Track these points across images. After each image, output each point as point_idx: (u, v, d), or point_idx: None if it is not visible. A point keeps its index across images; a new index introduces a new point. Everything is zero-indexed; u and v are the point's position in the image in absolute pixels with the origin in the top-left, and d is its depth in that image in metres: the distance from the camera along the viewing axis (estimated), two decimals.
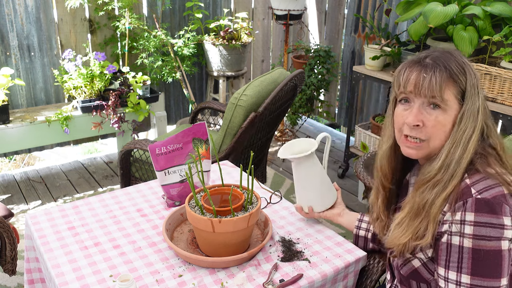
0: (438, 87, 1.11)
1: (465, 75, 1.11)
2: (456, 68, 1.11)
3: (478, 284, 1.04)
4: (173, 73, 3.64)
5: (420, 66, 1.13)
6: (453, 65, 1.11)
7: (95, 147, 4.51)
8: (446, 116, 1.12)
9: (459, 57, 1.13)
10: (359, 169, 2.31)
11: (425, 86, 1.11)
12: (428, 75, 1.12)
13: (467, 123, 1.10)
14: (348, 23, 4.07)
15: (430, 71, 1.12)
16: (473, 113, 1.10)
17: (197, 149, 1.64)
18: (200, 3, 3.74)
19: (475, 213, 1.03)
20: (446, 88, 1.11)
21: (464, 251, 1.04)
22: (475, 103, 1.10)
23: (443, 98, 1.11)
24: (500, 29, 2.57)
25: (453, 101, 1.11)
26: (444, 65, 1.11)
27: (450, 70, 1.11)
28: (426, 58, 1.14)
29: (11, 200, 3.15)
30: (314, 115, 4.71)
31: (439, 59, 1.12)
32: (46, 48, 3.38)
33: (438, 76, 1.11)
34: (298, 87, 2.60)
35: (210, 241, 1.34)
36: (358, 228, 1.48)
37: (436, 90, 1.11)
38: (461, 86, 1.11)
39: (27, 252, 1.57)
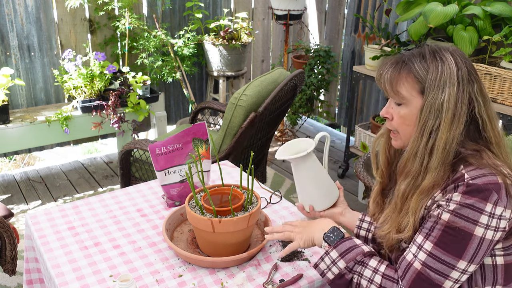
0: (389, 83, 1.17)
1: (426, 70, 1.13)
2: (419, 63, 1.14)
3: (437, 255, 1.08)
4: (173, 73, 3.64)
5: (386, 63, 1.19)
6: (417, 60, 1.14)
7: (95, 147, 4.51)
8: (408, 110, 1.16)
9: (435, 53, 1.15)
10: (359, 169, 2.31)
11: (380, 82, 1.20)
12: (384, 71, 1.19)
13: (428, 116, 1.12)
14: (348, 23, 4.07)
15: (387, 68, 1.18)
16: (434, 107, 1.11)
17: (197, 149, 1.64)
18: (200, 3, 3.74)
19: (463, 194, 1.06)
20: (401, 84, 1.15)
21: (439, 222, 1.08)
22: (438, 97, 1.11)
23: (399, 93, 1.16)
24: (500, 29, 2.57)
25: (414, 95, 1.15)
26: (405, 61, 1.15)
27: (410, 66, 1.15)
28: (402, 56, 1.19)
29: (11, 200, 3.15)
30: (314, 115, 4.71)
31: (407, 55, 1.17)
32: (46, 48, 3.38)
33: (391, 72, 1.17)
34: (298, 87, 2.60)
35: (210, 241, 1.34)
36: (359, 228, 1.48)
37: (389, 86, 1.18)
38: (421, 81, 1.13)
39: (27, 252, 1.57)
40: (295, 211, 1.66)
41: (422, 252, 1.10)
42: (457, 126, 1.11)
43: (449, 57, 1.14)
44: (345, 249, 1.19)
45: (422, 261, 1.09)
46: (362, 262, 1.17)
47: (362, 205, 3.18)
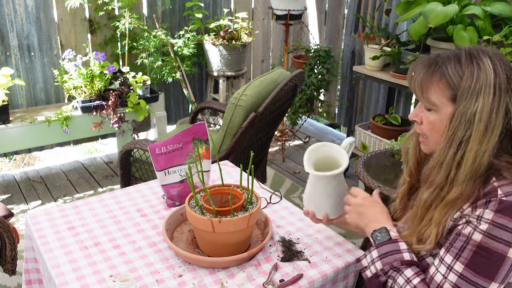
0: (419, 87, 1.12)
1: (460, 76, 1.06)
2: (453, 68, 1.07)
3: (468, 277, 1.04)
4: (173, 73, 3.64)
5: (418, 65, 1.13)
6: (451, 63, 1.08)
7: (95, 147, 4.51)
8: (438, 117, 1.11)
9: (472, 57, 1.07)
10: (359, 169, 2.31)
11: (411, 86, 1.15)
12: (415, 74, 1.13)
13: (458, 126, 1.06)
14: (348, 23, 4.07)
15: (418, 71, 1.12)
16: (465, 116, 1.05)
17: (197, 149, 1.64)
18: (200, 3, 3.74)
19: (496, 213, 1.01)
20: (432, 89, 1.10)
21: (470, 242, 1.04)
22: (470, 107, 1.04)
23: (429, 99, 1.11)
24: (500, 29, 2.57)
25: (445, 102, 1.09)
26: (439, 65, 1.09)
27: (443, 70, 1.08)
28: (437, 57, 1.12)
29: (11, 200, 3.15)
30: (314, 115, 4.71)
31: (443, 58, 1.10)
32: (46, 48, 3.38)
33: (423, 76, 1.11)
34: (298, 87, 2.60)
35: (210, 241, 1.34)
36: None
37: (419, 91, 1.12)
38: (454, 88, 1.07)
39: (26, 252, 1.57)
40: (295, 211, 1.66)
41: (453, 273, 1.05)
42: (489, 139, 1.04)
43: (487, 62, 1.05)
44: (385, 252, 1.17)
45: (453, 283, 1.05)
46: (398, 269, 1.14)
47: None
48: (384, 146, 3.07)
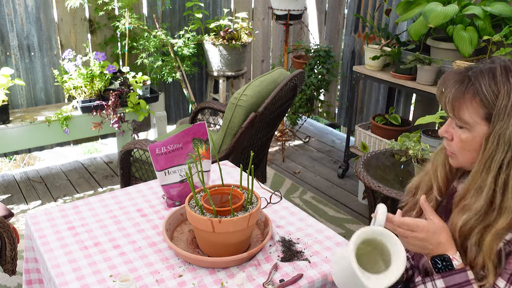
0: (451, 105, 1.05)
1: (495, 94, 1.00)
2: (487, 85, 1.00)
3: None
4: (173, 73, 3.64)
5: (449, 79, 1.07)
6: (485, 79, 1.01)
7: (95, 147, 4.51)
8: (470, 135, 1.05)
9: (508, 72, 1.01)
10: (359, 169, 2.31)
11: (441, 102, 1.08)
12: (446, 90, 1.05)
13: (496, 148, 1.00)
14: (348, 23, 4.07)
15: (450, 87, 1.05)
16: (503, 138, 0.98)
17: (197, 149, 1.64)
18: (200, 3, 3.74)
19: None
20: (465, 107, 1.03)
21: None
22: (508, 127, 0.98)
23: (461, 117, 1.04)
24: (500, 29, 2.57)
25: (478, 121, 1.03)
26: (472, 81, 1.02)
27: (476, 87, 1.01)
28: (469, 71, 1.05)
29: (11, 200, 3.15)
30: (314, 115, 4.71)
31: (476, 72, 1.03)
32: (46, 48, 3.38)
33: (455, 93, 1.04)
34: (298, 87, 2.60)
35: (210, 241, 1.34)
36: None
37: (450, 109, 1.05)
38: (488, 107, 1.00)
39: (26, 252, 1.57)
40: (295, 211, 1.66)
41: None
42: None
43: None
44: (454, 283, 1.05)
45: None
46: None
47: (362, 205, 3.18)
48: (384, 146, 3.07)
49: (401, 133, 2.59)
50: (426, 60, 2.70)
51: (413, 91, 2.87)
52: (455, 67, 2.55)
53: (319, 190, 3.38)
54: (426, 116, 2.24)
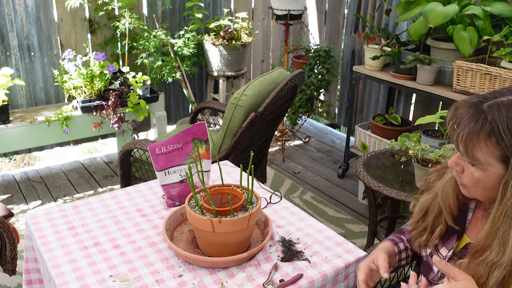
0: (463, 144, 0.96)
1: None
2: (505, 126, 0.91)
3: None
4: (173, 73, 3.64)
5: (462, 114, 0.97)
6: (503, 120, 0.92)
7: (95, 147, 4.51)
8: (484, 175, 0.98)
9: None
10: (359, 169, 2.31)
11: (453, 140, 0.99)
12: (458, 128, 0.96)
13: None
14: (348, 23, 4.07)
15: (463, 125, 0.96)
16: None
17: (197, 149, 1.64)
18: (200, 3, 3.74)
19: None
20: (478, 148, 0.95)
21: None
22: None
23: (474, 157, 0.96)
24: (500, 29, 2.57)
25: (492, 162, 0.95)
26: (489, 120, 0.93)
27: (492, 127, 0.92)
28: (484, 103, 0.95)
29: (11, 200, 3.15)
30: (314, 115, 4.71)
31: (492, 108, 0.93)
32: (46, 48, 3.38)
33: (469, 131, 0.95)
34: (298, 87, 2.60)
35: (210, 241, 1.34)
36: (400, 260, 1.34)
37: (463, 147, 0.97)
38: (505, 149, 0.92)
39: (26, 252, 1.57)
40: (295, 211, 1.66)
41: None
42: None
43: None
44: None
45: None
46: None
47: (362, 205, 3.18)
48: (384, 146, 3.07)
49: (401, 133, 2.59)
50: (426, 60, 2.70)
51: (413, 91, 2.87)
52: (455, 67, 2.55)
53: (319, 190, 3.38)
54: (426, 116, 2.24)
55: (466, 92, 2.56)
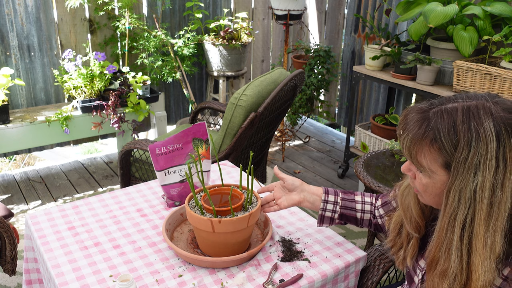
0: (408, 149, 0.97)
1: (454, 145, 0.90)
2: (446, 134, 0.90)
3: None
4: (173, 73, 3.64)
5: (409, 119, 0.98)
6: (444, 128, 0.91)
7: (95, 147, 4.51)
8: (431, 181, 0.97)
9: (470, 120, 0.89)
10: (359, 169, 2.31)
11: (401, 145, 1.00)
12: (404, 133, 0.97)
13: (458, 205, 0.91)
14: (348, 23, 4.07)
15: (408, 130, 0.96)
16: (463, 194, 0.89)
17: (197, 149, 1.64)
18: (200, 3, 3.74)
19: None
20: (422, 154, 0.95)
21: None
22: (468, 183, 0.89)
23: (419, 163, 0.97)
24: (500, 29, 2.57)
25: (436, 169, 0.94)
26: (431, 126, 0.92)
27: (434, 134, 0.92)
28: (430, 110, 0.95)
29: (11, 200, 3.15)
30: (314, 115, 4.71)
31: (436, 114, 0.93)
32: (46, 48, 3.38)
33: (412, 137, 0.95)
34: (298, 87, 2.60)
35: (210, 241, 1.34)
36: (323, 210, 1.38)
37: (407, 153, 0.98)
38: (447, 156, 0.91)
39: (26, 252, 1.57)
40: (295, 211, 1.66)
41: None
42: (497, 217, 0.89)
43: (488, 128, 0.87)
44: None
45: None
46: None
47: None
48: (384, 146, 3.07)
49: None
50: (426, 60, 2.70)
51: (413, 91, 2.87)
52: (455, 67, 2.55)
53: None
54: None
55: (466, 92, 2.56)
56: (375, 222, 1.40)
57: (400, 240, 1.19)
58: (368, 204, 1.40)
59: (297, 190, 1.41)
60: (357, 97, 4.07)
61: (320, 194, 1.39)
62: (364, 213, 1.39)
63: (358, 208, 1.39)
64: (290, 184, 1.41)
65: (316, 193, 1.39)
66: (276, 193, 1.43)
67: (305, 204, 1.40)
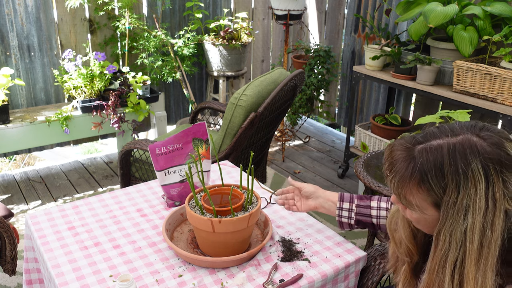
0: (397, 191, 0.96)
1: (443, 189, 0.89)
2: (434, 177, 0.89)
3: None
4: (173, 73, 3.64)
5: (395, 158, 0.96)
6: (431, 171, 0.89)
7: (95, 147, 4.51)
8: (421, 216, 0.97)
9: (457, 163, 0.88)
10: (359, 169, 2.31)
11: (387, 183, 0.98)
12: (391, 174, 0.96)
13: (449, 247, 0.90)
14: (348, 23, 4.07)
15: (394, 170, 0.95)
16: (454, 236, 0.89)
17: (197, 149, 1.64)
18: (200, 3, 3.74)
19: None
20: (410, 195, 0.94)
21: None
22: (458, 225, 0.88)
23: (408, 202, 0.96)
24: (500, 29, 2.57)
25: (427, 207, 0.94)
26: (418, 167, 0.91)
27: (422, 176, 0.90)
28: (415, 147, 0.93)
29: (11, 200, 3.15)
30: (314, 115, 4.71)
31: (422, 154, 0.91)
32: (46, 48, 3.38)
33: (399, 181, 0.94)
34: (298, 87, 2.60)
35: (210, 241, 1.34)
36: (339, 216, 1.41)
37: (396, 194, 0.97)
38: (436, 197, 0.91)
39: (26, 252, 1.57)
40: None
41: None
42: (487, 256, 0.88)
43: (476, 168, 0.86)
44: None
45: None
46: None
47: None
48: (384, 146, 3.07)
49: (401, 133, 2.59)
50: (426, 60, 2.70)
51: (413, 91, 2.87)
52: (455, 67, 2.55)
53: None
54: (426, 116, 2.24)
55: (466, 92, 2.56)
56: None
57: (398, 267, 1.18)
58: (384, 210, 1.40)
59: (312, 197, 1.45)
60: (357, 97, 4.07)
61: (336, 201, 1.42)
62: (379, 218, 1.41)
63: (374, 214, 1.40)
64: (306, 192, 1.46)
65: (332, 200, 1.43)
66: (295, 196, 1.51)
67: (322, 210, 1.45)
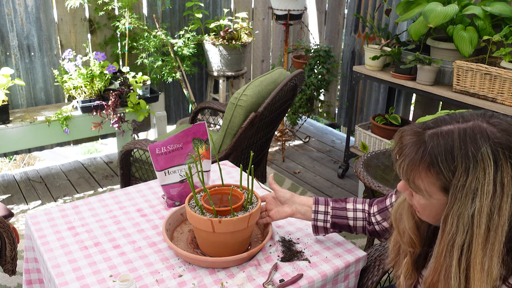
0: (405, 175, 0.97)
1: (452, 172, 0.90)
2: (444, 160, 0.90)
3: None
4: (173, 73, 3.64)
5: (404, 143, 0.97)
6: (441, 154, 0.90)
7: (95, 147, 4.51)
8: (429, 203, 0.97)
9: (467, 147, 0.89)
10: (359, 169, 2.31)
11: (396, 168, 0.99)
12: (400, 158, 0.96)
13: (456, 230, 0.90)
14: (348, 23, 4.07)
15: (404, 154, 0.96)
16: (462, 220, 0.89)
17: (197, 149, 1.64)
18: (200, 3, 3.74)
19: None
20: (420, 179, 0.95)
21: None
22: (466, 208, 0.89)
23: (417, 186, 0.96)
24: (500, 29, 2.57)
25: (435, 192, 0.94)
26: (428, 151, 0.92)
27: (432, 160, 0.91)
28: (426, 132, 0.95)
29: (11, 200, 3.15)
30: (314, 115, 4.71)
31: (432, 138, 0.92)
32: (46, 48, 3.38)
33: (408, 164, 0.95)
34: (298, 87, 2.60)
35: (210, 241, 1.34)
36: (315, 220, 1.40)
37: (405, 178, 0.98)
38: (445, 181, 0.91)
39: (26, 252, 1.57)
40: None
41: None
42: (494, 241, 0.88)
43: (486, 153, 0.87)
44: None
45: None
46: None
47: None
48: (384, 146, 3.07)
49: None
50: (426, 60, 2.70)
51: (413, 91, 2.87)
52: (455, 67, 2.55)
53: (319, 190, 3.38)
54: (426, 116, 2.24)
55: (466, 92, 2.56)
56: (371, 229, 1.40)
57: (399, 260, 1.18)
58: (360, 211, 1.40)
59: (288, 203, 1.44)
60: (357, 97, 4.07)
61: (311, 204, 1.41)
62: (356, 220, 1.40)
63: (350, 216, 1.40)
64: (281, 197, 1.44)
65: (307, 204, 1.42)
66: (269, 204, 1.46)
67: (298, 216, 1.43)
